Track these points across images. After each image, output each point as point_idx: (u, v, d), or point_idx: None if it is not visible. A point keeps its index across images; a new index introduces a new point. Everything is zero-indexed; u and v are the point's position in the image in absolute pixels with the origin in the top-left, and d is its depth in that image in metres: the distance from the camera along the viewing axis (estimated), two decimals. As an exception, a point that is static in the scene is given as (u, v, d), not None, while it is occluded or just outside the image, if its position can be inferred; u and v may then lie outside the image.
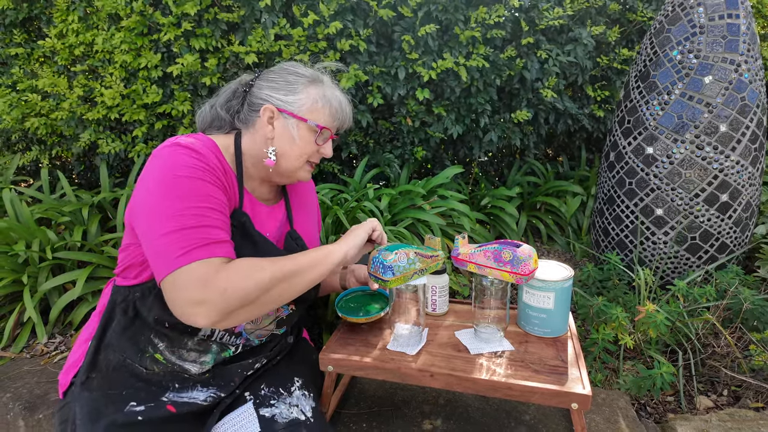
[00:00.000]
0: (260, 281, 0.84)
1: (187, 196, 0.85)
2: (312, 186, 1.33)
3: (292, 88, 1.02)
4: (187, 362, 1.00)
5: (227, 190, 0.95)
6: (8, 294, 1.83)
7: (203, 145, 0.94)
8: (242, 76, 1.10)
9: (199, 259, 0.81)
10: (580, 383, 0.96)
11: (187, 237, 0.82)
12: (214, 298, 0.80)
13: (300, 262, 0.92)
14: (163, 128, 2.18)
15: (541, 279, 1.09)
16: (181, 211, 0.84)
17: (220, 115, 1.08)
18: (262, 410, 1.01)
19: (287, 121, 1.01)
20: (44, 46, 2.11)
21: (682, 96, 1.80)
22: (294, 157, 1.03)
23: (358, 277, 1.27)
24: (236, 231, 0.97)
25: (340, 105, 1.07)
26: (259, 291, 0.84)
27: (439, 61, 2.14)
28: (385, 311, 1.14)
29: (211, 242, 0.84)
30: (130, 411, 0.93)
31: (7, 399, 1.40)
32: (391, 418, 1.24)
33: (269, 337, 1.12)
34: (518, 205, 2.64)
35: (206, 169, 0.90)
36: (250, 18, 2.06)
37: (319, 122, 1.03)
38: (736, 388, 1.48)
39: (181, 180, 0.86)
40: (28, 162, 2.40)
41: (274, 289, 0.87)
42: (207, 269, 0.81)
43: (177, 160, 0.88)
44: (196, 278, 0.80)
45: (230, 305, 0.81)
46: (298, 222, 1.19)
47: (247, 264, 0.85)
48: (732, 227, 1.88)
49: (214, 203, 0.88)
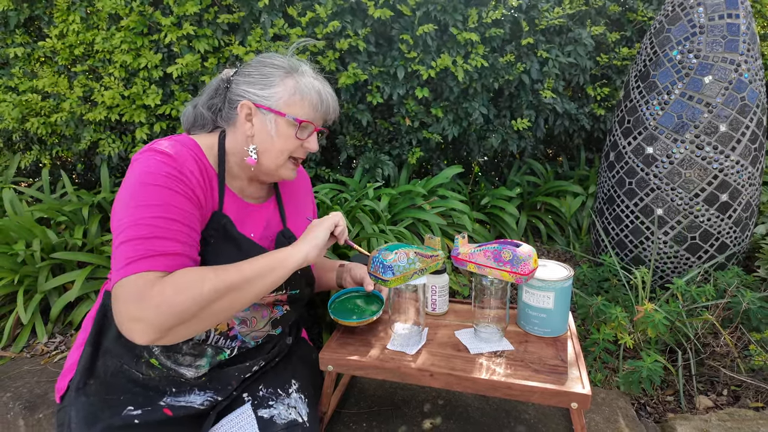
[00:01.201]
0: (198, 295, 0.80)
1: (147, 204, 0.83)
2: (307, 182, 1.29)
3: (268, 81, 0.98)
4: (183, 366, 0.99)
5: (202, 194, 0.92)
6: (8, 294, 1.84)
7: (182, 148, 0.91)
8: (224, 72, 1.06)
9: (137, 272, 0.78)
10: (580, 383, 0.96)
11: (135, 247, 0.80)
12: (149, 314, 0.76)
13: (249, 270, 0.87)
14: (163, 129, 2.18)
15: (541, 279, 1.09)
16: (137, 220, 0.82)
17: (203, 115, 1.05)
18: (260, 411, 1.00)
19: (265, 117, 0.97)
20: (44, 47, 2.11)
21: (682, 96, 1.80)
22: (274, 153, 0.99)
23: (354, 277, 1.24)
24: (216, 234, 0.94)
25: (320, 95, 1.00)
26: (198, 306, 0.80)
27: (438, 60, 2.14)
28: (377, 314, 1.12)
29: (157, 254, 0.81)
30: (126, 415, 0.93)
31: (8, 398, 1.40)
32: (390, 418, 1.24)
33: (265, 338, 1.11)
34: (518, 205, 2.64)
35: (175, 177, 0.87)
36: (249, 18, 2.06)
37: (299, 116, 0.98)
38: (736, 387, 1.48)
39: (146, 188, 0.84)
40: (28, 163, 2.40)
41: (219, 302, 0.83)
42: (144, 283, 0.78)
43: (148, 167, 0.86)
44: (132, 292, 0.77)
45: (166, 322, 0.77)
46: (292, 219, 1.16)
47: (186, 277, 0.81)
48: (732, 227, 1.88)
49: (176, 213, 0.85)
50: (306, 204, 1.25)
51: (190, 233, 0.88)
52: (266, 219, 1.09)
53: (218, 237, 0.95)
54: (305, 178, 1.29)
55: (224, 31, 2.09)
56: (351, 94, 2.25)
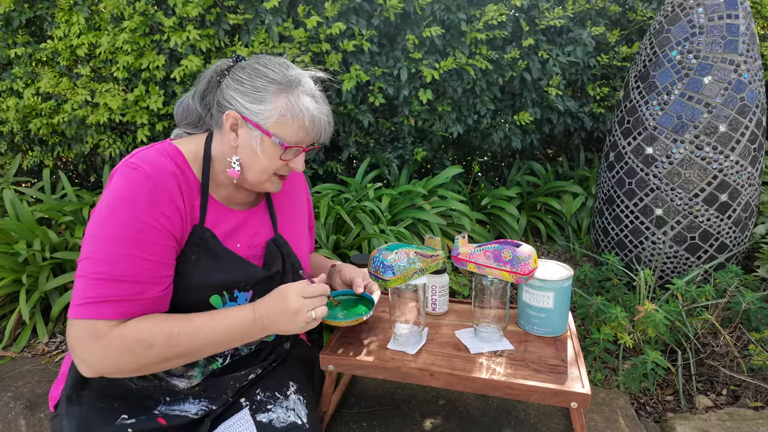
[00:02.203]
0: (142, 359, 0.83)
1: (110, 237, 0.82)
2: (301, 180, 1.23)
3: (259, 96, 0.91)
4: (174, 377, 0.98)
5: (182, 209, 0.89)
6: (9, 294, 1.84)
7: (163, 160, 0.88)
8: (219, 63, 0.99)
9: (85, 318, 0.81)
10: (580, 382, 0.96)
11: (89, 286, 0.81)
12: (93, 362, 0.81)
13: (203, 337, 0.87)
14: (165, 129, 2.19)
15: (541, 278, 1.10)
16: (97, 252, 0.82)
17: (195, 109, 1.00)
18: (259, 416, 0.98)
19: (251, 132, 0.92)
20: (46, 48, 2.12)
21: (682, 96, 1.81)
22: (258, 171, 0.94)
23: (344, 279, 1.18)
24: (198, 248, 0.92)
25: (313, 119, 0.93)
26: (140, 365, 0.84)
27: (442, 62, 2.15)
28: (367, 315, 1.07)
29: (109, 300, 0.81)
30: (120, 424, 0.92)
31: (8, 398, 1.40)
32: (391, 417, 1.24)
33: (260, 344, 1.08)
34: (518, 205, 2.64)
35: (149, 203, 0.84)
36: (255, 20, 2.06)
37: (286, 139, 0.92)
38: (736, 387, 1.48)
39: (114, 215, 0.83)
40: (30, 164, 2.40)
41: (164, 364, 0.86)
42: (90, 333, 0.81)
43: (122, 188, 0.84)
44: (79, 338, 0.81)
45: (107, 370, 0.83)
46: (284, 225, 1.11)
47: (134, 337, 0.82)
48: (731, 227, 1.88)
49: (143, 250, 0.83)
50: (301, 204, 1.20)
51: (153, 268, 0.85)
52: (254, 226, 1.05)
53: (199, 251, 0.92)
54: (299, 176, 1.23)
55: (226, 31, 2.09)
56: (353, 95, 2.25)
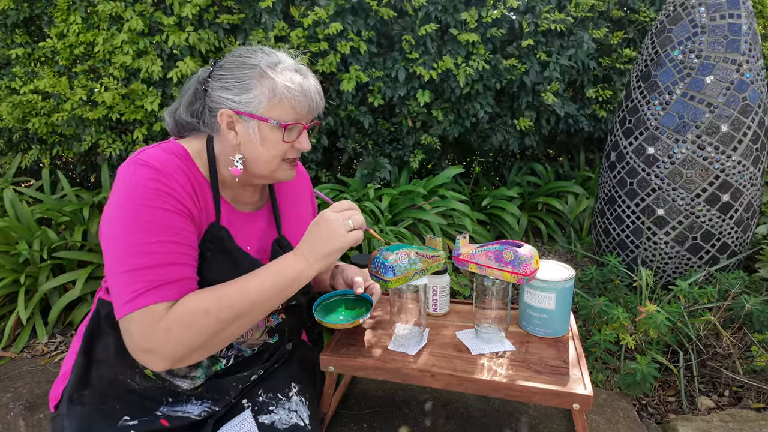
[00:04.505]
0: (204, 327, 0.82)
1: (139, 228, 0.82)
2: (306, 180, 1.24)
3: (243, 85, 0.90)
4: (178, 378, 0.97)
5: (194, 207, 0.89)
6: (8, 294, 1.83)
7: (170, 158, 0.88)
8: (198, 72, 0.99)
9: (142, 307, 0.80)
10: (582, 384, 0.96)
11: (135, 279, 0.80)
12: (159, 346, 0.80)
13: (255, 293, 0.86)
14: (162, 129, 2.18)
15: (543, 279, 1.09)
16: (132, 246, 0.81)
17: (186, 122, 0.99)
18: (261, 417, 0.98)
19: (248, 124, 0.91)
20: (45, 47, 2.11)
21: (684, 96, 1.80)
22: (265, 161, 0.94)
23: (345, 279, 1.18)
24: (213, 246, 0.92)
25: (302, 91, 0.91)
26: (205, 337, 0.82)
27: (440, 62, 2.14)
28: (364, 317, 1.07)
29: (158, 284, 0.81)
30: (122, 425, 0.91)
31: (8, 399, 1.40)
32: (391, 418, 1.24)
33: (262, 346, 1.09)
34: (519, 206, 2.63)
35: (164, 193, 0.84)
36: (251, 20, 2.06)
37: (282, 119, 0.91)
38: (738, 388, 1.47)
39: (136, 208, 0.82)
40: (29, 163, 2.40)
41: (227, 330, 0.84)
42: (150, 319, 0.80)
43: (134, 183, 0.84)
44: (139, 329, 0.80)
45: (177, 353, 0.81)
46: (288, 226, 1.11)
47: (191, 308, 0.82)
48: (733, 227, 1.87)
49: (170, 234, 0.83)
50: (305, 204, 1.21)
51: (188, 251, 0.86)
52: (262, 229, 1.05)
53: (214, 250, 0.92)
54: (303, 175, 1.24)
55: (225, 30, 2.08)
56: (352, 96, 2.24)
